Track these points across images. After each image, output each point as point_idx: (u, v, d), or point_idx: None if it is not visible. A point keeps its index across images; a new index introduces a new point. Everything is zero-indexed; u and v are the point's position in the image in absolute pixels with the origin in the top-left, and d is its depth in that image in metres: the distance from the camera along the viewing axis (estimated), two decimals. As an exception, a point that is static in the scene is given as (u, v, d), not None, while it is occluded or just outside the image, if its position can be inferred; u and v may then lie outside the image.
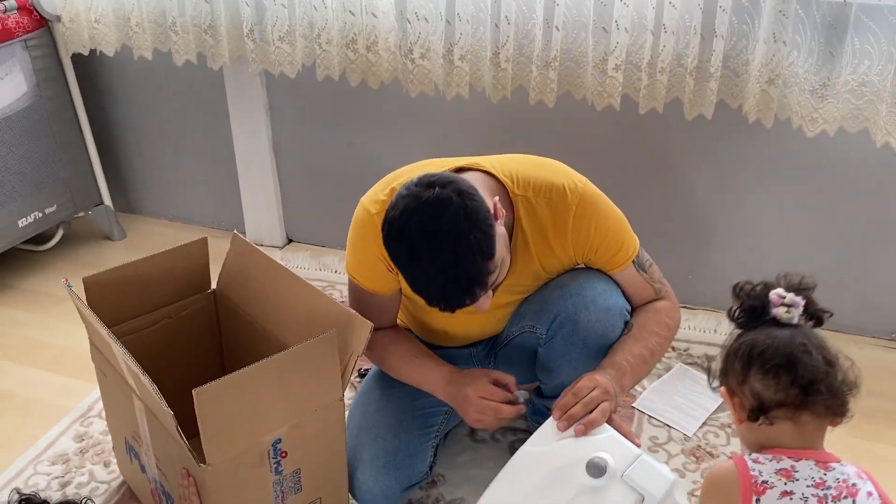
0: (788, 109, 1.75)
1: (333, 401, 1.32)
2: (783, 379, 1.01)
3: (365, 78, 2.03)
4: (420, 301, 1.26)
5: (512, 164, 1.38)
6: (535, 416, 1.62)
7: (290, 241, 2.54)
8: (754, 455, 1.04)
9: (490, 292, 1.25)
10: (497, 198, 1.25)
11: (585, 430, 1.24)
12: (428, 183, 1.18)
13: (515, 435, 1.72)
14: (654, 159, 2.02)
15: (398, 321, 1.58)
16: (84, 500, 1.27)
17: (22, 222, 2.26)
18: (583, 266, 1.45)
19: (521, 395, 1.61)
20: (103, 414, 1.65)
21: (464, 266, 1.16)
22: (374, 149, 2.28)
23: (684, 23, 1.73)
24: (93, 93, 2.49)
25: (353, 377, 1.86)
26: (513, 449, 1.68)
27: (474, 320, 1.52)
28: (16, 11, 2.13)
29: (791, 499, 0.99)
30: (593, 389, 1.27)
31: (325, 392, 1.30)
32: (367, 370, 1.88)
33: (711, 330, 2.05)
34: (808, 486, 1.00)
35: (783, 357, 1.02)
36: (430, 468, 1.50)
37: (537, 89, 1.87)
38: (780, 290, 1.06)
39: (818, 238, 1.98)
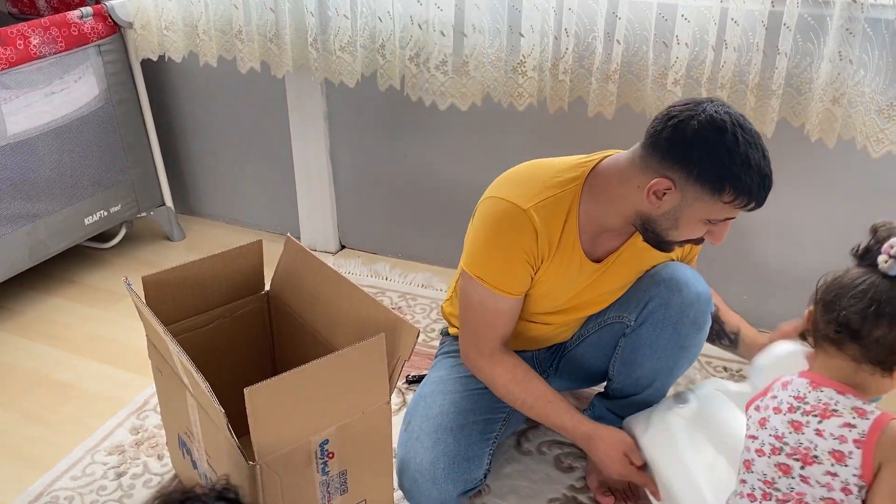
0: (853, 129, 1.71)
1: (380, 404, 1.33)
2: (827, 316, 1.08)
3: (424, 96, 2.04)
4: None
5: None
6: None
7: (343, 246, 2.58)
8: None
9: None
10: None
11: None
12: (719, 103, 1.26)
13: (561, 448, 1.71)
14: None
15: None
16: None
17: (88, 220, 2.34)
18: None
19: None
20: (158, 408, 1.70)
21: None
22: (429, 159, 2.30)
23: (747, 39, 1.71)
24: (159, 97, 2.58)
25: (401, 383, 1.88)
26: (558, 462, 1.68)
27: (553, 324, 1.54)
28: (91, 18, 2.22)
29: (768, 400, 1.14)
30: None
31: (373, 395, 1.31)
32: (415, 376, 1.90)
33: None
34: (789, 396, 1.11)
35: (834, 294, 1.08)
36: (485, 475, 1.50)
37: (597, 101, 1.87)
38: (895, 241, 1.05)
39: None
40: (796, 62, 1.71)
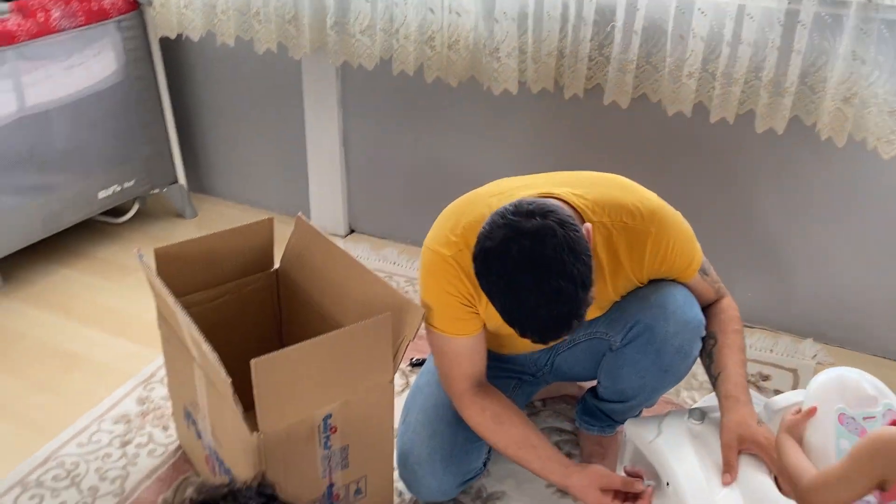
0: (864, 129, 1.71)
1: (384, 382, 1.35)
2: None
3: (442, 76, 2.06)
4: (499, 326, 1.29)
5: (581, 189, 1.33)
6: (585, 416, 1.64)
7: (353, 230, 2.60)
8: None
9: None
10: (590, 226, 1.22)
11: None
12: (527, 212, 1.14)
13: (560, 436, 1.72)
14: (720, 168, 2.00)
15: None
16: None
17: (102, 194, 2.37)
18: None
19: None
20: (165, 380, 1.72)
21: (565, 299, 1.12)
22: (440, 147, 2.31)
23: (763, 35, 1.71)
24: (176, 75, 2.59)
25: (405, 365, 1.90)
26: (557, 449, 1.68)
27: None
28: (111, -7, 2.24)
29: None
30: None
31: (377, 372, 1.33)
32: (419, 360, 1.91)
33: (767, 349, 2.02)
34: None
35: None
36: (485, 464, 1.51)
37: (613, 90, 1.88)
38: None
39: (889, 262, 1.92)
40: (811, 60, 1.71)
